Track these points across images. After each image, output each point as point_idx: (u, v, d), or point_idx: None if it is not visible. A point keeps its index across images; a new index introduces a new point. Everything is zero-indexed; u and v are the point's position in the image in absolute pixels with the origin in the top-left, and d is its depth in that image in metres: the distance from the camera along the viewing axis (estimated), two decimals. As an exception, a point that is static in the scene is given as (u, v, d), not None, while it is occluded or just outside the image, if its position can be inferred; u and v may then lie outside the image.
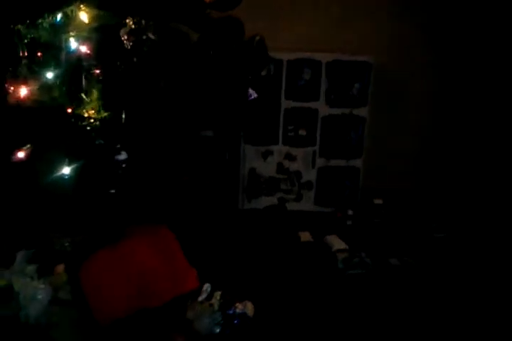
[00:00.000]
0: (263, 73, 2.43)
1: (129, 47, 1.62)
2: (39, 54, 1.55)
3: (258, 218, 2.65)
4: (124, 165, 1.41)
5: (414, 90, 2.79)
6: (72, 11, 1.46)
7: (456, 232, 2.53)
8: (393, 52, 2.69)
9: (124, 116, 1.45)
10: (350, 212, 2.65)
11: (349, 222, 2.63)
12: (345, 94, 2.62)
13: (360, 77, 2.59)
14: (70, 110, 1.49)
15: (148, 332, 1.55)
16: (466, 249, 2.37)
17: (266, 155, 2.70)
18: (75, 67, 1.54)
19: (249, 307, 1.67)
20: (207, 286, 1.74)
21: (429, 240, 2.44)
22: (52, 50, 1.55)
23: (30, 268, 1.57)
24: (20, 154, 1.43)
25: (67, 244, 1.69)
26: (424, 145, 2.87)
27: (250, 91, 1.94)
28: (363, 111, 2.64)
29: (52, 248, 1.70)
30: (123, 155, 1.41)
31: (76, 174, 1.42)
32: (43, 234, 1.72)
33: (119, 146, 1.41)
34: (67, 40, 1.55)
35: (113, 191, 1.44)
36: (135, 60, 1.61)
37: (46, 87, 1.47)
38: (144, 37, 1.63)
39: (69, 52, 1.55)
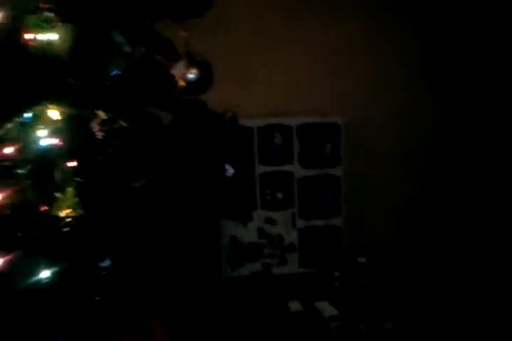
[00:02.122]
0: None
1: (102, 137, 1.59)
2: (6, 152, 1.49)
3: (243, 288, 2.57)
4: (107, 272, 1.33)
5: (383, 145, 2.84)
6: (41, 110, 1.43)
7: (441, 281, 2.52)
8: (358, 111, 2.75)
9: (102, 213, 1.38)
10: (336, 273, 2.61)
11: (336, 284, 2.58)
12: (319, 155, 2.64)
13: (330, 138, 2.63)
14: (44, 210, 1.42)
15: None
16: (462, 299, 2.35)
17: (245, 221, 2.66)
18: (46, 164, 1.49)
19: None
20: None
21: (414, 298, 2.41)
22: (21, 146, 1.49)
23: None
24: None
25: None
26: (402, 198, 2.89)
27: (227, 167, 1.92)
28: (337, 171, 2.66)
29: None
30: (107, 262, 1.34)
31: (57, 279, 1.34)
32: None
33: (102, 253, 1.34)
34: (36, 136, 1.51)
35: (98, 298, 1.36)
36: (109, 150, 1.57)
37: (19, 189, 1.40)
38: (116, 126, 1.61)
39: (39, 148, 1.50)
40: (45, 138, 1.50)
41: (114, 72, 1.30)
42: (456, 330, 2.12)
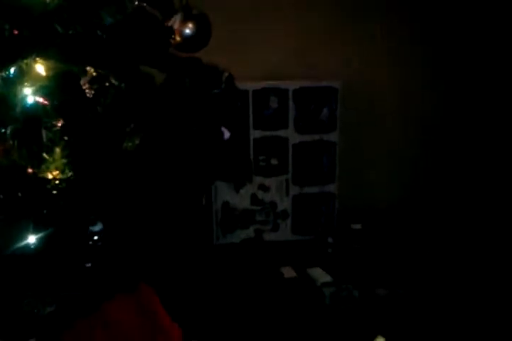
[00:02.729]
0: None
1: (92, 95, 1.50)
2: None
3: (235, 253, 2.55)
4: (99, 237, 1.27)
5: (381, 111, 2.77)
6: (27, 64, 1.32)
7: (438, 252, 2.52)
8: (357, 75, 2.67)
9: (92, 175, 1.31)
10: (330, 240, 2.59)
11: (329, 250, 2.57)
12: (314, 121, 2.57)
13: (327, 102, 2.55)
14: (31, 172, 1.34)
15: None
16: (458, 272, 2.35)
17: (238, 187, 2.60)
18: (33, 123, 1.40)
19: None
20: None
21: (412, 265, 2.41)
22: (5, 105, 1.40)
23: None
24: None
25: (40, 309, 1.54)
26: (397, 165, 2.85)
27: (223, 129, 1.85)
28: (333, 136, 2.59)
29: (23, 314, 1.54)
30: (98, 226, 1.27)
31: (44, 244, 1.28)
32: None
33: (93, 217, 1.27)
34: (22, 93, 1.41)
35: (89, 265, 1.30)
36: (99, 109, 1.49)
37: (4, 150, 1.32)
38: (107, 84, 1.52)
39: (25, 106, 1.41)
40: (31, 96, 1.41)
41: (107, 22, 1.20)
42: (449, 297, 2.13)
